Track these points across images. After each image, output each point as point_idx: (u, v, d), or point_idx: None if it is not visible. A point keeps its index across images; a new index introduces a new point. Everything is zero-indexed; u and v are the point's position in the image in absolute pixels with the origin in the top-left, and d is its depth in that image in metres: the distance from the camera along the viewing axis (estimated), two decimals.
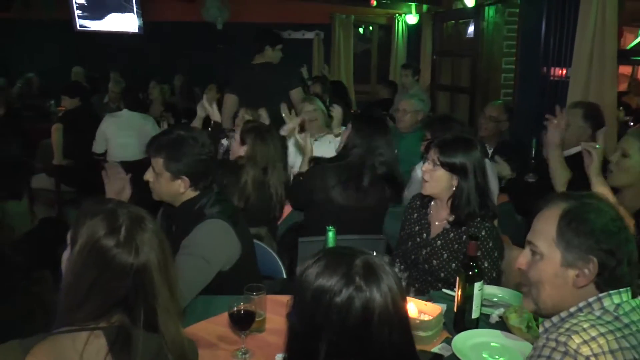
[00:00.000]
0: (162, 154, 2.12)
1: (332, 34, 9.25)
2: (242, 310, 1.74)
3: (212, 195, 2.20)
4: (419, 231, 2.45)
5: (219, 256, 2.10)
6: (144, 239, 1.23)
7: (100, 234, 1.21)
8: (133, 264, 1.21)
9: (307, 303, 1.10)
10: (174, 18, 9.16)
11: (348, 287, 1.07)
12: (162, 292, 1.24)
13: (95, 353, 1.16)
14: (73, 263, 1.22)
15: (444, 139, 2.38)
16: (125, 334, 1.19)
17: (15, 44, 9.45)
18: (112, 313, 1.21)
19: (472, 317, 1.88)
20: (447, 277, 2.30)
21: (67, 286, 1.21)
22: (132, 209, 1.28)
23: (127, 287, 1.21)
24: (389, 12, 9.08)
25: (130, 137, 4.78)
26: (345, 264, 1.10)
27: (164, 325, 1.23)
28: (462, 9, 6.30)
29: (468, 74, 6.29)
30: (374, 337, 1.08)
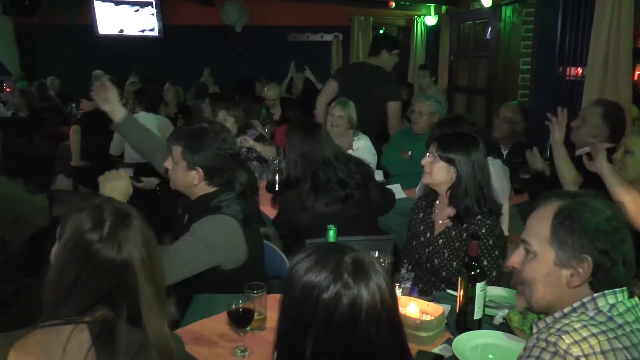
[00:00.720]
0: (181, 143, 2.16)
1: (351, 36, 9.24)
2: (241, 309, 1.75)
3: (232, 195, 2.21)
4: (424, 230, 2.46)
5: (219, 248, 2.10)
6: (127, 236, 1.23)
7: (85, 228, 1.21)
8: (115, 259, 1.21)
9: (295, 298, 1.10)
10: (194, 21, 9.27)
11: (336, 283, 1.07)
12: (146, 289, 1.24)
13: (78, 347, 1.17)
14: (58, 257, 1.23)
15: (444, 134, 2.41)
16: (109, 328, 1.19)
17: (39, 49, 9.68)
18: (96, 308, 1.21)
19: (475, 318, 1.86)
20: (449, 276, 2.28)
21: (52, 280, 1.22)
22: (118, 205, 1.29)
23: (109, 282, 1.21)
24: (408, 14, 9.04)
25: None
26: (334, 260, 1.10)
27: (147, 321, 1.23)
28: (479, 9, 6.25)
29: (485, 75, 6.24)
30: (361, 335, 1.07)
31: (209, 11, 9.15)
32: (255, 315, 1.78)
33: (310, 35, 9.37)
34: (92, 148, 5.10)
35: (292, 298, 1.10)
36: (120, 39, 9.45)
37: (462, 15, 6.89)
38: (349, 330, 1.07)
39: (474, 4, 6.58)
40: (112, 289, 1.21)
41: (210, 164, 2.16)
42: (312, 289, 1.07)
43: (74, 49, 9.47)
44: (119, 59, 9.03)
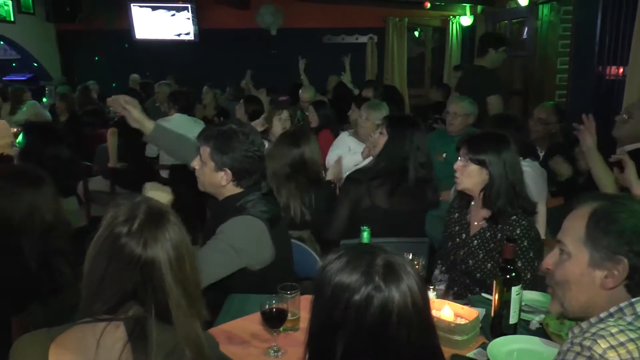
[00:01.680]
0: (209, 144, 2.15)
1: (386, 37, 9.20)
2: (275, 309, 1.76)
3: (258, 195, 2.21)
4: (459, 231, 2.44)
5: (246, 250, 2.11)
6: (156, 235, 1.24)
7: (117, 221, 1.24)
8: (140, 255, 1.22)
9: (326, 299, 1.10)
10: (229, 25, 9.37)
11: (367, 285, 1.06)
12: (174, 290, 1.24)
13: (112, 343, 1.20)
14: (91, 249, 1.26)
15: (473, 136, 2.39)
16: (142, 326, 1.22)
17: (79, 54, 9.94)
18: (127, 306, 1.23)
19: (510, 322, 1.83)
20: (484, 278, 2.26)
21: (85, 272, 1.25)
22: (155, 204, 1.30)
23: (135, 279, 1.22)
24: (443, 14, 8.97)
25: None
26: (366, 262, 1.09)
27: (177, 320, 1.24)
28: (516, 8, 6.16)
29: (521, 75, 6.13)
30: (392, 338, 1.07)
31: (244, 14, 9.24)
32: (289, 316, 1.79)
33: (345, 37, 9.36)
34: (129, 150, 5.18)
35: (323, 299, 1.10)
36: (156, 43, 9.62)
37: (497, 15, 6.80)
38: (380, 332, 1.07)
39: (510, 3, 6.49)
40: (137, 286, 1.23)
41: (239, 166, 2.16)
42: (343, 291, 1.07)
43: (112, 54, 9.70)
44: (156, 62, 9.20)
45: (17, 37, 9.00)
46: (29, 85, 8.37)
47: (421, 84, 9.75)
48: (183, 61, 9.35)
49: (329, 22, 9.17)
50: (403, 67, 9.32)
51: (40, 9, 9.12)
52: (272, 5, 8.90)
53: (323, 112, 4.68)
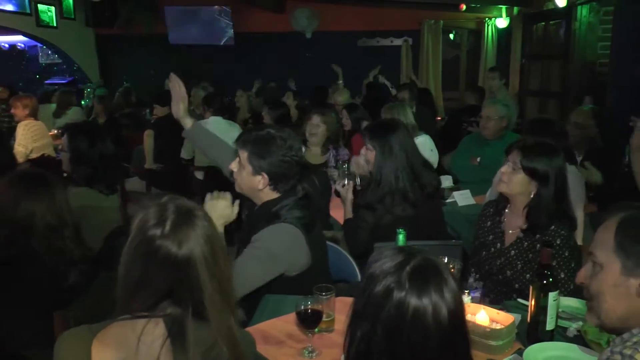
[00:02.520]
0: (247, 148, 2.16)
1: (421, 40, 9.14)
2: (310, 310, 1.77)
3: (293, 200, 2.20)
4: (493, 240, 2.38)
5: (283, 258, 2.12)
6: (189, 233, 1.25)
7: (149, 225, 1.25)
8: (177, 255, 1.23)
9: (359, 290, 1.15)
10: (264, 28, 9.43)
11: (390, 278, 1.09)
12: (209, 286, 1.25)
13: (152, 340, 1.22)
14: (125, 254, 1.27)
15: (527, 142, 2.31)
16: (180, 323, 1.24)
17: (117, 58, 10.16)
18: (165, 304, 1.25)
19: (547, 328, 1.80)
20: (522, 288, 2.21)
21: (121, 277, 1.27)
22: (182, 203, 1.31)
23: (172, 278, 1.24)
24: (479, 16, 8.88)
25: None
26: (400, 260, 1.11)
27: (212, 317, 1.26)
28: (553, 9, 6.05)
29: (558, 78, 6.02)
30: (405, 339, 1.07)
31: (279, 18, 9.30)
32: (324, 317, 1.80)
33: (380, 39, 9.34)
34: (165, 151, 5.29)
35: (359, 289, 1.15)
36: (193, 47, 9.77)
37: (534, 16, 6.70)
38: (393, 331, 1.08)
39: (547, 4, 6.39)
40: (175, 284, 1.24)
41: (276, 170, 2.16)
42: (371, 281, 1.10)
43: (148, 58, 9.88)
44: (192, 66, 9.34)
45: (59, 42, 9.25)
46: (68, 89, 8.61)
47: (456, 87, 9.66)
48: (219, 65, 9.46)
49: (363, 25, 9.15)
50: (438, 69, 9.25)
51: (80, 15, 9.36)
52: (307, 8, 8.94)
53: (355, 115, 4.68)
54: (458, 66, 9.82)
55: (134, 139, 6.22)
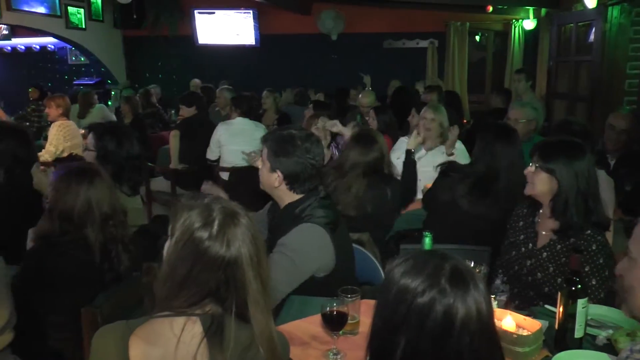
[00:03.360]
0: (267, 144, 2.22)
1: (447, 42, 9.09)
2: (335, 312, 1.77)
3: (316, 199, 2.22)
4: (525, 240, 2.35)
5: (310, 261, 2.13)
6: (236, 233, 1.28)
7: (195, 226, 1.27)
8: (225, 256, 1.26)
9: (390, 300, 1.11)
10: (290, 30, 9.49)
11: (432, 289, 1.07)
12: (253, 286, 1.28)
13: (190, 338, 1.24)
14: (170, 254, 1.29)
15: (546, 142, 2.31)
16: (219, 322, 1.25)
17: (143, 59, 10.31)
18: (206, 302, 1.27)
19: (575, 336, 1.77)
20: (552, 292, 2.17)
21: (165, 275, 1.29)
22: (226, 204, 1.33)
23: (218, 279, 1.26)
24: (506, 18, 8.79)
25: (242, 144, 4.93)
26: (432, 266, 1.10)
27: (254, 317, 1.27)
28: (583, 10, 5.94)
29: (587, 80, 5.91)
30: (452, 345, 1.06)
31: (305, 20, 9.33)
32: (349, 319, 1.80)
33: (406, 41, 9.30)
34: (190, 152, 5.33)
35: (387, 300, 1.11)
36: (218, 49, 9.85)
37: (563, 18, 6.58)
38: (441, 338, 1.06)
39: (576, 5, 6.27)
40: (221, 284, 1.26)
41: (290, 170, 2.19)
42: (407, 293, 1.08)
43: (174, 59, 10.01)
44: (217, 67, 9.43)
45: (87, 43, 9.42)
46: (96, 89, 8.76)
47: (481, 90, 9.56)
48: (244, 66, 9.53)
49: (389, 27, 9.13)
50: (464, 72, 9.19)
51: (108, 17, 9.53)
52: (333, 10, 8.95)
53: (383, 118, 4.66)
54: (484, 68, 9.73)
55: (159, 138, 6.30)
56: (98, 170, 2.19)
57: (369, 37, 9.16)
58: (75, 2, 9.02)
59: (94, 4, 9.44)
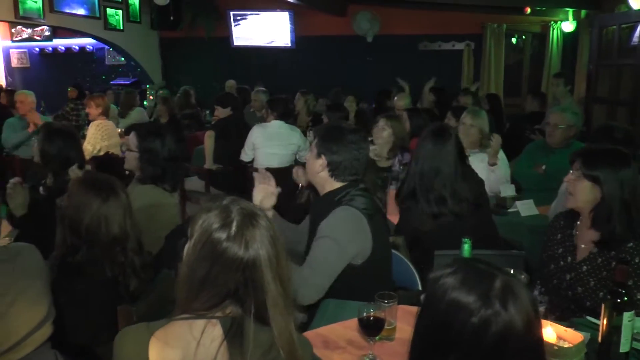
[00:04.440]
0: (319, 133, 2.40)
1: (483, 44, 8.95)
2: (372, 317, 1.75)
3: (356, 189, 2.31)
4: (563, 254, 2.28)
5: (349, 240, 2.19)
6: (254, 234, 1.26)
7: (213, 227, 1.26)
8: (243, 257, 1.25)
9: (439, 316, 1.09)
10: (325, 32, 9.48)
11: (486, 309, 1.04)
12: (272, 287, 1.26)
13: (210, 341, 1.23)
14: (189, 255, 1.29)
15: (589, 149, 2.25)
16: (239, 325, 1.24)
17: (179, 60, 10.45)
18: (225, 305, 1.27)
19: (621, 350, 1.71)
20: (593, 306, 2.10)
21: (184, 277, 1.29)
22: (245, 205, 1.32)
23: (237, 280, 1.25)
24: (544, 20, 8.62)
25: (277, 147, 4.97)
26: (484, 282, 1.07)
27: (273, 320, 1.26)
28: (627, 12, 5.78)
29: (630, 84, 5.75)
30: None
31: (340, 21, 9.31)
32: (386, 325, 1.78)
33: (442, 43, 9.20)
34: (224, 152, 5.36)
35: (436, 314, 1.09)
36: (253, 50, 9.92)
37: (605, 19, 6.41)
38: (493, 356, 1.05)
39: (619, 7, 6.11)
40: (240, 286, 1.25)
41: (334, 157, 2.29)
42: (460, 310, 1.05)
43: (210, 60, 10.11)
44: (252, 69, 9.49)
45: (125, 44, 9.60)
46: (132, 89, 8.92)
47: (517, 93, 9.39)
48: (279, 67, 9.57)
49: (425, 29, 9.04)
50: (500, 74, 9.02)
51: (146, 18, 9.68)
52: (369, 12, 8.91)
53: (416, 121, 4.61)
54: (520, 71, 9.55)
55: (194, 139, 6.36)
56: (117, 189, 2.12)
57: (404, 39, 9.08)
58: (114, 4, 9.20)
59: (132, 6, 9.61)
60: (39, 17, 7.67)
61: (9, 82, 11.08)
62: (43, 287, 1.76)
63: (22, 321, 1.65)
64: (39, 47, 11.28)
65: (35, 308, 1.70)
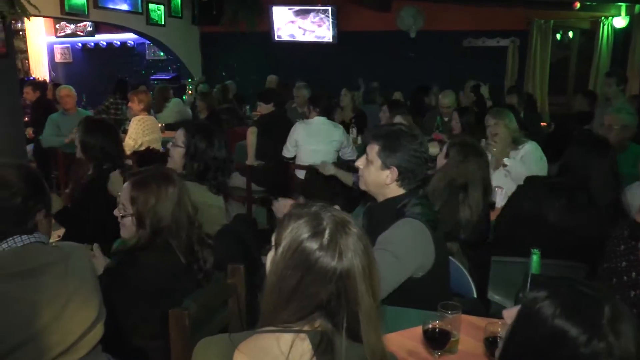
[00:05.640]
0: (379, 142, 2.17)
1: (530, 40, 8.67)
2: (438, 329, 1.66)
3: (416, 197, 2.17)
4: (627, 268, 2.12)
5: (411, 256, 2.06)
6: (348, 244, 1.20)
7: (304, 236, 1.19)
8: (336, 268, 1.18)
9: (541, 341, 1.00)
10: (368, 27, 9.34)
11: (599, 340, 0.96)
12: (366, 300, 1.19)
13: (299, 356, 1.16)
14: (276, 265, 1.22)
15: None
16: (329, 339, 1.17)
17: (220, 55, 10.47)
18: (314, 317, 1.20)
19: None
20: None
21: (271, 287, 1.22)
22: (336, 212, 1.25)
23: (329, 291, 1.18)
24: (593, 15, 8.31)
25: (319, 144, 4.91)
26: (592, 309, 0.98)
27: (365, 334, 1.19)
28: None
29: None
30: None
31: (383, 17, 9.16)
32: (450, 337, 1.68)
33: (486, 40, 8.96)
34: (266, 149, 5.31)
35: (535, 339, 1.00)
36: (295, 45, 9.86)
37: None
38: None
39: None
40: (332, 298, 1.18)
41: (405, 165, 2.14)
42: (568, 340, 0.97)
43: (250, 55, 10.09)
44: (293, 64, 9.42)
45: (166, 39, 9.65)
46: (171, 84, 8.97)
47: (563, 91, 9.10)
48: (321, 63, 9.48)
49: (469, 25, 8.81)
50: (545, 72, 8.75)
51: (187, 13, 9.71)
52: (413, 7, 8.75)
53: (466, 119, 4.47)
54: (567, 69, 9.25)
55: (233, 134, 6.33)
56: (170, 173, 2.16)
57: (448, 35, 8.87)
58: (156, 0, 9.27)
59: (174, 1, 9.65)
60: (84, 12, 7.76)
61: (52, 76, 11.30)
62: (94, 287, 1.74)
63: (76, 322, 1.64)
64: (81, 42, 11.46)
65: (87, 308, 1.68)
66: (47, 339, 1.56)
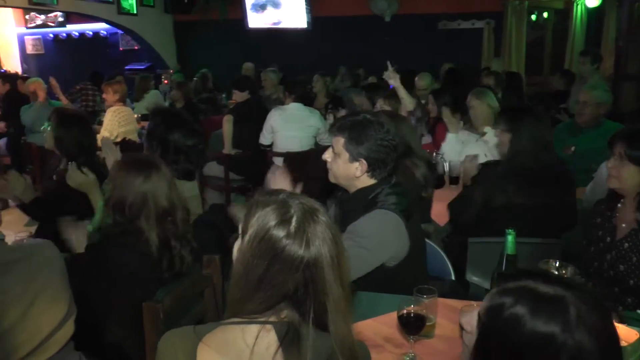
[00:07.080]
0: (344, 134, 2.09)
1: (504, 22, 8.70)
2: (413, 313, 1.65)
3: (388, 186, 2.12)
4: (602, 235, 2.21)
5: (382, 248, 2.03)
6: (316, 232, 1.16)
7: (271, 224, 1.16)
8: (304, 256, 1.14)
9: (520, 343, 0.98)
10: (342, 12, 9.29)
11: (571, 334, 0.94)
12: (334, 290, 1.16)
13: (265, 348, 1.14)
14: (243, 253, 1.19)
15: (632, 130, 2.14)
16: (295, 330, 1.15)
17: (193, 43, 10.33)
18: (281, 307, 1.17)
19: None
20: (638, 284, 2.03)
21: (237, 276, 1.19)
22: (304, 200, 1.22)
23: (296, 280, 1.15)
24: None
25: (296, 130, 4.88)
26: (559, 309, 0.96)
27: (333, 324, 1.16)
28: None
29: None
30: None
31: (357, 1, 9.11)
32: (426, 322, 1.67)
33: (461, 22, 8.94)
34: (243, 137, 5.25)
35: (516, 342, 0.98)
36: (269, 32, 9.76)
37: None
38: None
39: None
40: (299, 287, 1.15)
41: (374, 156, 2.07)
42: (546, 342, 0.95)
43: (224, 43, 9.97)
44: (267, 51, 9.32)
45: (139, 29, 9.50)
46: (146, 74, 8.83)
47: (539, 71, 9.15)
48: (296, 49, 9.40)
49: (444, 7, 8.79)
50: (521, 53, 8.81)
51: (159, 2, 9.57)
52: None
53: (443, 101, 4.44)
54: (542, 49, 9.30)
55: (210, 123, 6.26)
56: (158, 164, 2.11)
57: (423, 18, 8.84)
58: None
59: None
60: (52, 2, 7.60)
61: (24, 69, 11.06)
62: (62, 284, 1.69)
63: (44, 320, 1.60)
64: (53, 33, 11.23)
65: (56, 306, 1.64)
66: (13, 338, 1.52)
